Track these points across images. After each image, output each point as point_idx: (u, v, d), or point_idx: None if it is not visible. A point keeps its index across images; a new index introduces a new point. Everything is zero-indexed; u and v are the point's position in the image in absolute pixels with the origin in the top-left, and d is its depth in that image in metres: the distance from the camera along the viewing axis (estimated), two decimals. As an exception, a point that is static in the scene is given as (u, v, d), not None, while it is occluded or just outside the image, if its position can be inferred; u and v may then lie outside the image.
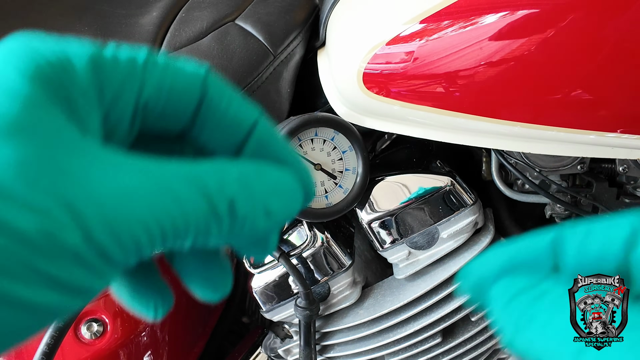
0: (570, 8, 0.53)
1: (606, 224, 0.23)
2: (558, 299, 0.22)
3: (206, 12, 0.76)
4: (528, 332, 0.22)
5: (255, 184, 0.23)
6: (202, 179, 0.21)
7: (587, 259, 0.23)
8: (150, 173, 0.21)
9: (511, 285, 0.23)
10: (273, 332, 0.82)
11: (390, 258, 0.72)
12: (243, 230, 0.23)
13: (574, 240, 0.24)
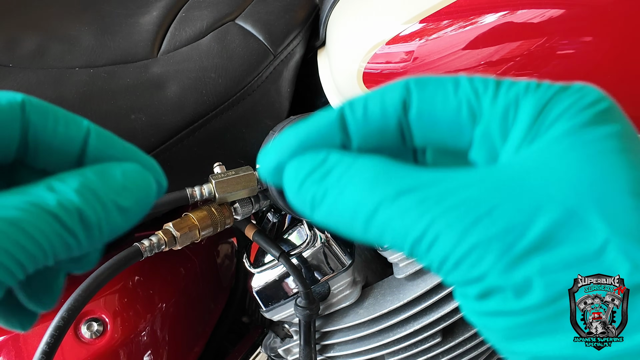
0: (570, 7, 0.53)
1: (381, 91, 0.25)
2: (345, 170, 0.23)
3: (206, 11, 0.76)
4: (323, 207, 0.23)
5: (99, 187, 0.24)
6: (42, 201, 0.22)
7: (370, 127, 0.24)
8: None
9: (300, 167, 0.24)
10: (273, 332, 0.82)
11: (390, 257, 0.72)
12: (103, 233, 0.24)
13: (355, 111, 0.24)
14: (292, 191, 0.24)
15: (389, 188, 0.22)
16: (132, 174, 0.25)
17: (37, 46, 0.68)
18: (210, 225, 0.61)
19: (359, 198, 0.22)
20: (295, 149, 0.25)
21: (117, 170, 0.25)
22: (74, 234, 0.23)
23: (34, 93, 0.61)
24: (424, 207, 0.21)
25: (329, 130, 0.25)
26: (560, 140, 0.21)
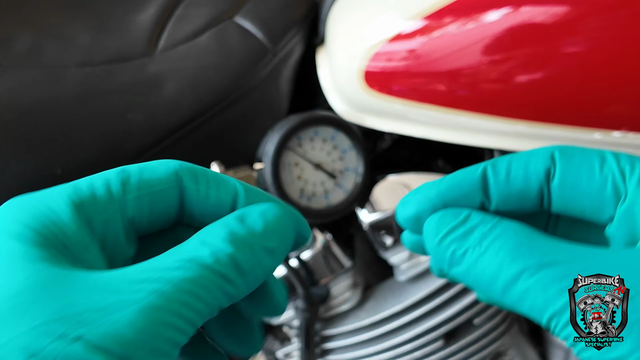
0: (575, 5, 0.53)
1: (526, 155, 0.26)
2: (487, 232, 0.24)
3: (204, 9, 0.75)
4: (462, 265, 0.25)
5: (243, 232, 0.25)
6: (198, 257, 0.23)
7: (511, 190, 0.26)
8: (149, 280, 0.22)
9: (442, 222, 0.26)
10: (272, 335, 0.81)
11: (392, 260, 0.72)
12: (257, 277, 0.25)
13: (498, 173, 0.26)
14: (432, 244, 0.26)
15: (531, 258, 0.23)
16: (269, 214, 0.26)
17: (32, 44, 0.67)
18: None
19: (500, 263, 0.23)
20: (436, 203, 0.27)
21: (255, 213, 0.25)
22: (232, 282, 0.23)
23: (29, 92, 0.61)
24: (566, 282, 0.22)
25: (471, 190, 0.27)
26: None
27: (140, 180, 0.26)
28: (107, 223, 0.25)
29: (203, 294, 0.22)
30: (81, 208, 0.24)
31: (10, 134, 0.59)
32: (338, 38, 0.70)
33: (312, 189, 0.66)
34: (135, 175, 0.26)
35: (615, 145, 0.58)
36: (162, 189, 0.26)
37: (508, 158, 0.26)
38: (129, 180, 0.26)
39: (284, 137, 0.63)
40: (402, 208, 0.28)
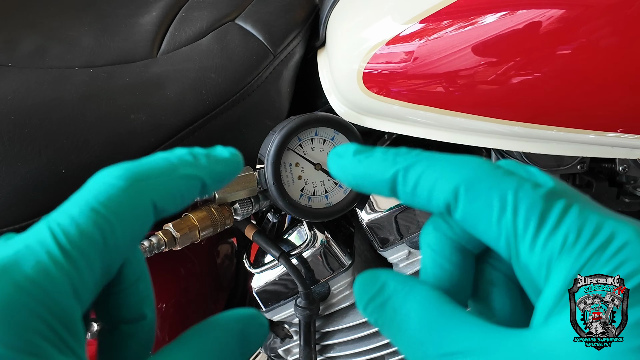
0: (570, 8, 0.53)
1: (433, 179, 0.26)
2: (399, 305, 0.25)
3: (206, 11, 0.76)
4: (385, 331, 0.25)
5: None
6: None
7: (416, 204, 0.26)
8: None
9: (364, 290, 0.26)
10: (273, 332, 0.82)
11: (390, 258, 0.72)
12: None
13: (406, 184, 0.26)
14: (360, 309, 0.26)
15: (432, 347, 0.23)
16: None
17: (37, 46, 0.68)
18: (210, 226, 0.61)
19: (410, 343, 0.24)
20: (352, 179, 0.28)
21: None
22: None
23: (34, 93, 0.61)
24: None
25: (380, 187, 0.27)
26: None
27: (115, 233, 0.25)
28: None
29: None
30: (69, 260, 0.24)
31: (15, 134, 0.58)
32: (338, 40, 0.70)
33: (312, 189, 0.67)
34: (110, 232, 0.25)
35: (610, 145, 0.59)
36: (139, 231, 0.26)
37: (419, 172, 0.26)
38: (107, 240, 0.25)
39: (285, 137, 0.63)
40: (331, 161, 0.29)
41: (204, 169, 0.29)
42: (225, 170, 0.30)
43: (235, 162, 0.30)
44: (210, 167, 0.29)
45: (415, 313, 0.24)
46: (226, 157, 0.30)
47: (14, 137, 0.58)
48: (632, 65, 0.53)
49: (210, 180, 0.29)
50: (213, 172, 0.29)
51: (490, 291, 0.29)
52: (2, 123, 0.58)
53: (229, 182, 0.34)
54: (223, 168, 0.30)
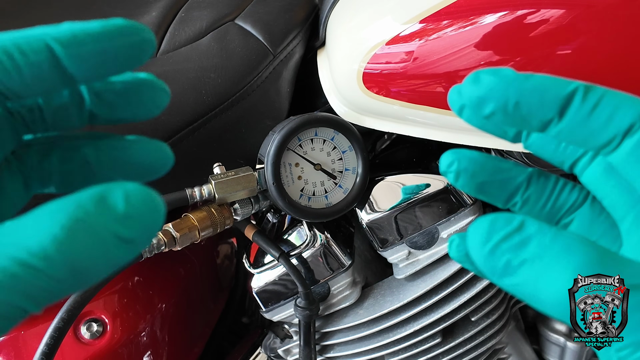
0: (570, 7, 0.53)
1: (618, 102, 0.24)
2: (548, 244, 0.22)
3: (206, 11, 0.76)
4: (518, 277, 0.22)
5: (95, 220, 0.20)
6: (21, 250, 0.19)
7: (583, 127, 0.25)
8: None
9: (494, 228, 0.23)
10: (273, 332, 0.82)
11: (390, 258, 0.72)
12: (100, 272, 0.20)
13: (586, 101, 0.25)
14: (481, 252, 0.23)
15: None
16: (137, 196, 0.21)
17: (37, 46, 0.68)
18: (210, 226, 0.61)
19: (568, 282, 0.21)
20: (510, 96, 0.25)
21: (119, 194, 0.20)
22: (60, 280, 0.19)
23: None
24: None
25: (551, 102, 0.25)
26: None
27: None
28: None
29: (14, 297, 0.19)
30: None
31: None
32: (337, 40, 0.70)
33: (312, 189, 0.67)
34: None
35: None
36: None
37: (602, 92, 0.25)
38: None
39: (285, 137, 0.64)
40: (471, 85, 0.26)
41: (55, 31, 0.24)
42: (85, 36, 0.23)
43: (106, 28, 0.24)
44: (64, 31, 0.23)
45: (580, 248, 0.21)
46: (93, 26, 0.24)
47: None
48: (632, 65, 0.53)
49: (60, 46, 0.23)
50: (66, 35, 0.23)
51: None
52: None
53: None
54: (82, 31, 0.23)
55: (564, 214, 0.30)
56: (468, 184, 0.29)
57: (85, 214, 0.19)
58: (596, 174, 0.27)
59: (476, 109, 0.26)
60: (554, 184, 0.30)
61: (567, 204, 0.29)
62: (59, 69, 0.24)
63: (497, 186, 0.29)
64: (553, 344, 0.85)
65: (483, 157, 0.29)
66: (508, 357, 0.83)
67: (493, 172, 0.29)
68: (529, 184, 0.29)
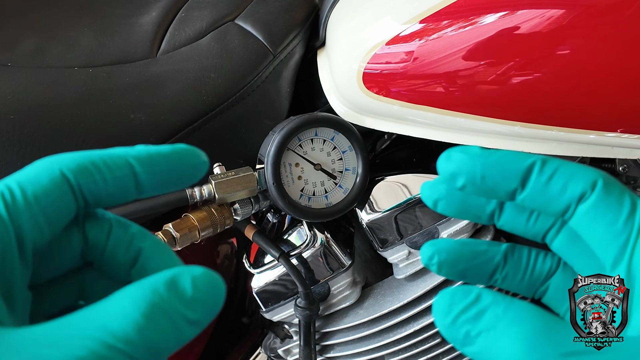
0: (570, 7, 0.53)
1: (571, 171, 0.27)
2: (500, 315, 0.24)
3: (206, 11, 0.76)
4: (476, 347, 0.24)
5: (169, 304, 0.22)
6: (108, 334, 0.21)
7: (544, 195, 0.27)
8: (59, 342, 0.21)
9: (454, 301, 0.25)
10: (273, 332, 0.82)
11: (390, 258, 0.72)
12: (170, 352, 0.23)
13: (543, 173, 0.27)
14: (444, 324, 0.25)
15: (550, 348, 0.22)
16: (202, 281, 0.23)
17: (37, 46, 0.68)
18: (210, 226, 0.60)
19: (517, 351, 0.22)
20: (477, 173, 0.28)
21: (187, 279, 0.23)
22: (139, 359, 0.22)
23: (34, 92, 0.61)
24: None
25: (512, 175, 0.28)
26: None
27: (26, 196, 0.26)
28: (3, 258, 0.24)
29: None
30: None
31: (15, 134, 0.58)
32: (338, 40, 0.70)
33: (312, 189, 0.67)
34: (19, 193, 0.26)
35: (610, 145, 0.59)
36: (53, 199, 0.26)
37: (557, 164, 0.27)
38: (14, 201, 0.25)
39: (285, 137, 0.64)
40: (445, 162, 0.29)
41: (134, 151, 0.28)
42: (159, 157, 0.28)
43: (175, 152, 0.29)
44: (142, 151, 0.28)
45: (528, 317, 0.23)
46: (164, 149, 0.29)
47: (13, 137, 0.58)
48: (632, 65, 0.53)
49: (139, 164, 0.28)
50: (144, 155, 0.28)
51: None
52: (2, 123, 0.58)
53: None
54: (157, 153, 0.29)
55: (541, 283, 0.32)
56: (450, 273, 0.31)
57: (160, 299, 0.22)
58: (563, 241, 0.30)
59: (450, 182, 0.29)
60: (527, 257, 0.32)
61: (543, 273, 0.32)
62: (136, 182, 0.28)
63: (477, 270, 0.32)
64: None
65: (459, 246, 0.31)
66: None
67: (470, 258, 0.31)
68: (506, 262, 0.32)
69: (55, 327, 0.21)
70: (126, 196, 0.28)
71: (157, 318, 0.22)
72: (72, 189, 0.27)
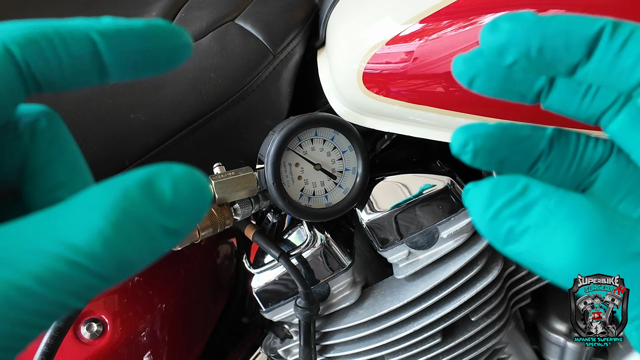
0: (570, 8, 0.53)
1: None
2: (552, 209, 0.21)
3: (206, 11, 0.76)
4: (521, 245, 0.21)
5: (143, 211, 0.19)
6: (71, 248, 0.18)
7: (611, 66, 0.23)
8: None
9: (496, 192, 0.22)
10: (273, 332, 0.82)
11: (390, 258, 0.72)
12: (141, 266, 0.20)
13: (615, 39, 0.23)
14: (483, 218, 0.22)
15: (616, 247, 0.20)
16: (184, 183, 0.20)
17: (37, 46, 0.68)
18: (210, 226, 0.60)
19: (574, 250, 0.20)
20: (533, 40, 0.23)
21: (166, 180, 0.19)
22: (107, 278, 0.19)
23: (33, 93, 0.61)
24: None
25: (576, 46, 0.23)
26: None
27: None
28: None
29: (60, 295, 0.18)
30: None
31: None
32: (338, 40, 0.70)
33: (312, 189, 0.67)
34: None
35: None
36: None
37: (631, 28, 0.23)
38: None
39: (285, 137, 0.64)
40: (490, 33, 0.24)
41: (99, 24, 0.23)
42: (128, 34, 0.23)
43: (149, 29, 0.24)
44: (108, 25, 0.23)
45: (587, 212, 0.20)
46: (136, 24, 0.24)
47: (13, 138, 0.58)
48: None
49: (103, 41, 0.23)
50: (111, 30, 0.23)
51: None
52: (2, 123, 0.58)
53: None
54: (126, 29, 0.23)
55: (590, 173, 0.28)
56: (488, 162, 0.27)
57: (132, 205, 0.18)
58: (624, 123, 0.25)
59: (497, 59, 0.24)
60: (576, 142, 0.28)
61: (593, 162, 0.28)
62: (99, 63, 0.23)
63: (518, 158, 0.27)
64: (553, 344, 0.85)
65: (499, 130, 0.27)
66: (508, 357, 0.83)
67: (512, 144, 0.27)
68: (551, 148, 0.27)
69: (2, 237, 0.18)
70: (87, 79, 0.23)
71: (129, 228, 0.18)
72: (17, 68, 0.22)
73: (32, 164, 0.24)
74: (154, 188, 0.19)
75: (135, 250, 0.18)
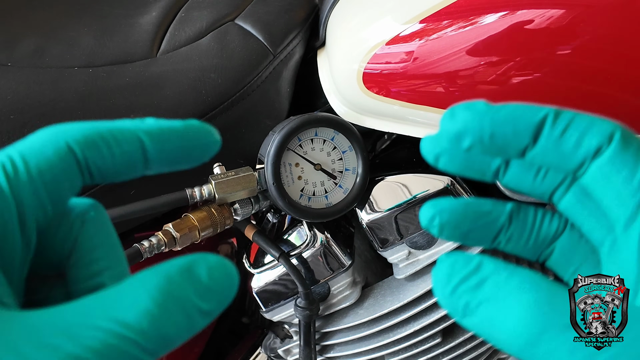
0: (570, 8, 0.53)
1: (587, 124, 0.25)
2: (502, 283, 0.22)
3: (206, 11, 0.76)
4: (476, 318, 0.23)
5: (183, 293, 0.21)
6: (119, 324, 0.20)
7: (557, 149, 0.25)
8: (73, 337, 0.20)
9: (453, 271, 0.23)
10: (273, 332, 0.82)
11: (390, 258, 0.72)
12: (181, 341, 0.22)
13: (556, 127, 0.25)
14: (443, 294, 0.24)
15: (555, 317, 0.21)
16: (217, 270, 0.22)
17: (37, 46, 0.68)
18: (210, 226, 0.60)
19: (519, 319, 0.21)
20: (485, 130, 0.25)
21: (203, 267, 0.22)
22: (151, 352, 0.21)
23: (33, 93, 0.61)
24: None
25: (524, 129, 0.25)
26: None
27: (29, 169, 0.24)
28: (4, 237, 0.23)
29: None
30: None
31: (15, 134, 0.58)
32: (338, 40, 0.70)
33: (312, 189, 0.67)
34: (22, 166, 0.24)
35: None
36: (57, 173, 0.25)
37: (571, 116, 0.25)
38: (17, 173, 0.24)
39: (285, 137, 0.64)
40: (448, 121, 0.26)
41: (145, 125, 0.26)
42: (170, 133, 0.27)
43: (187, 129, 0.27)
44: (153, 126, 0.27)
45: (532, 286, 0.22)
46: (176, 125, 0.27)
47: (13, 137, 0.58)
48: (632, 65, 0.53)
49: (149, 140, 0.26)
50: (155, 130, 0.26)
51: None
52: (2, 123, 0.58)
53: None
54: (168, 129, 0.27)
55: (547, 245, 0.30)
56: (453, 235, 0.29)
57: (174, 288, 0.21)
58: (572, 200, 0.28)
59: (455, 144, 0.26)
60: (533, 217, 0.30)
61: (550, 235, 0.30)
62: (144, 158, 0.26)
63: (481, 231, 0.30)
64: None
65: (462, 206, 0.29)
66: (508, 357, 0.83)
67: (475, 219, 0.29)
68: (510, 222, 0.30)
69: (64, 313, 0.20)
70: (133, 172, 0.27)
71: (171, 308, 0.21)
72: (78, 163, 0.25)
73: (79, 250, 0.27)
74: (193, 273, 0.22)
75: (175, 327, 0.21)
